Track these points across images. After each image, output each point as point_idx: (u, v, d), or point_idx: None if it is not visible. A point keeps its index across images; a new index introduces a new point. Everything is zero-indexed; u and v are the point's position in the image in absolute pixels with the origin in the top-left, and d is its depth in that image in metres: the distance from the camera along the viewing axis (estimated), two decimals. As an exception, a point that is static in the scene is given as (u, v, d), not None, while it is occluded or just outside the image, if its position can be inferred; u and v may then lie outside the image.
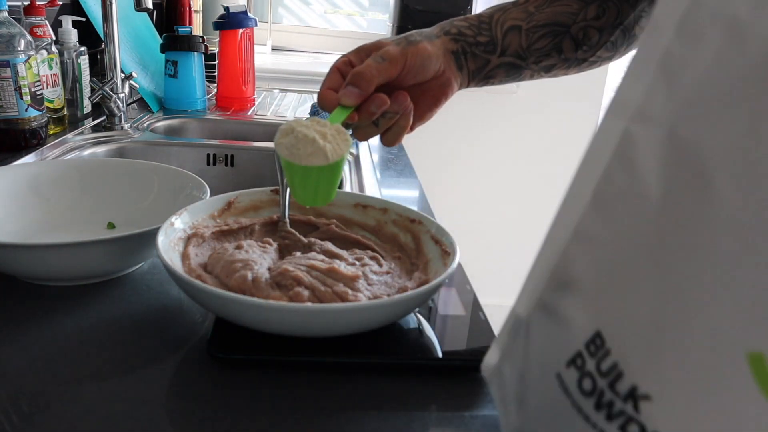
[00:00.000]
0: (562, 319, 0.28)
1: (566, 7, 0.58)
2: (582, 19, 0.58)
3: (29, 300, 0.53)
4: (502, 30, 0.57)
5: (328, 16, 2.37)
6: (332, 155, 0.48)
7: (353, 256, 0.54)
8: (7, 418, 0.38)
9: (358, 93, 0.52)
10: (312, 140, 0.47)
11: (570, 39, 0.59)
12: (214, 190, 0.65)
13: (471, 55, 0.57)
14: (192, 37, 1.27)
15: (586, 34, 0.59)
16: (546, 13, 0.58)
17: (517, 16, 0.58)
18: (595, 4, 0.58)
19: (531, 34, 0.58)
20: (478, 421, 0.42)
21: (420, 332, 0.50)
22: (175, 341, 0.48)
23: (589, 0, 0.58)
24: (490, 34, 0.57)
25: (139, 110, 1.25)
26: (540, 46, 0.58)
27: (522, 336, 0.31)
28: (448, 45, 0.56)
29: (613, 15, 0.59)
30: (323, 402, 0.42)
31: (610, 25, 0.59)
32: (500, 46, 0.58)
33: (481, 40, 0.57)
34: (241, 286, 0.47)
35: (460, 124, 2.02)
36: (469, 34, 0.57)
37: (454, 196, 2.06)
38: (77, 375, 0.44)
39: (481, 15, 0.59)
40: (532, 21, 0.58)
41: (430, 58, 0.54)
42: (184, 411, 0.41)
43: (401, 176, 0.99)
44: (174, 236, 0.53)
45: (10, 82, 0.86)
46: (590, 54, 0.60)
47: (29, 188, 0.68)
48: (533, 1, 0.59)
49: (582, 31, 0.59)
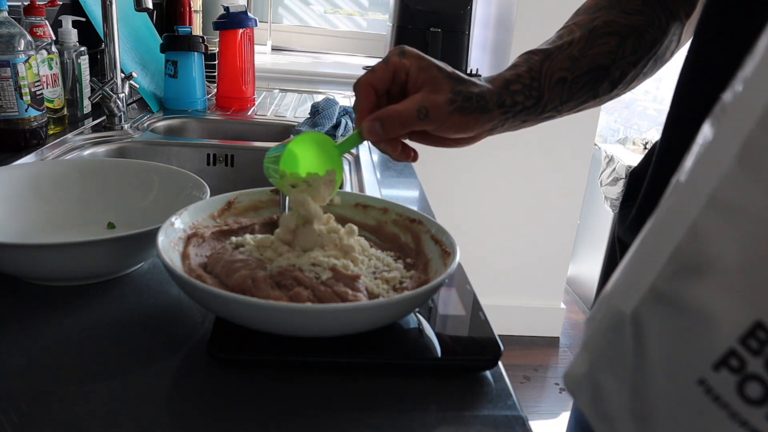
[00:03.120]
0: (696, 310, 0.23)
1: (605, 45, 0.55)
2: (621, 57, 0.55)
3: (29, 300, 0.53)
4: (550, 85, 0.54)
5: (328, 16, 2.37)
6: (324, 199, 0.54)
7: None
8: (7, 418, 0.38)
9: (381, 134, 0.50)
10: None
11: (608, 82, 0.56)
12: (214, 190, 0.65)
13: (511, 120, 0.54)
14: (192, 37, 1.27)
15: (623, 72, 0.56)
16: (588, 57, 0.55)
17: (563, 65, 0.54)
18: (632, 38, 0.55)
19: (573, 86, 0.55)
20: (478, 421, 0.42)
21: (420, 332, 0.50)
22: (175, 341, 0.48)
23: (625, 33, 0.55)
24: (539, 95, 0.54)
25: (139, 110, 1.25)
26: (579, 96, 0.56)
27: (629, 337, 0.26)
28: (496, 119, 0.53)
29: (648, 46, 0.56)
30: (323, 402, 0.42)
31: (645, 58, 0.57)
32: (543, 105, 0.55)
33: (529, 104, 0.54)
34: (241, 286, 0.47)
35: (460, 124, 2.01)
36: (520, 101, 0.53)
37: (454, 196, 2.06)
38: (77, 375, 0.44)
39: (533, 69, 0.54)
40: (576, 70, 0.54)
41: (467, 131, 0.52)
42: (184, 411, 0.41)
43: (401, 176, 0.99)
44: (174, 236, 0.53)
45: (10, 82, 0.86)
46: (623, 90, 0.58)
47: (29, 188, 0.68)
48: (576, 43, 0.55)
49: (620, 70, 0.56)
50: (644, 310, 0.25)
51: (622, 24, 0.56)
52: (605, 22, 0.56)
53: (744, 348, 0.22)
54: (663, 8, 0.57)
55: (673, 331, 0.24)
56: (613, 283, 0.27)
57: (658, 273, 0.24)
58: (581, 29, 0.56)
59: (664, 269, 0.24)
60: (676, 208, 0.24)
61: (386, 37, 2.04)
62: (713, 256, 0.23)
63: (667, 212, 0.25)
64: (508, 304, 2.18)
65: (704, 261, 0.23)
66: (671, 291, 0.24)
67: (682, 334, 0.24)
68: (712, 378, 0.23)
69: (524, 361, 2.10)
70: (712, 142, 0.23)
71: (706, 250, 0.23)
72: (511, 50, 1.90)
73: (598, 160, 2.35)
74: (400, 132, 0.50)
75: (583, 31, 0.56)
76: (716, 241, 0.23)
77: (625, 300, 0.26)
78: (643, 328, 0.25)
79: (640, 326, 0.25)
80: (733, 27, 0.47)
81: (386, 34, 2.05)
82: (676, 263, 0.24)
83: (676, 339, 0.24)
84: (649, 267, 0.25)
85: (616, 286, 0.27)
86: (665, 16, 0.57)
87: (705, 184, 0.23)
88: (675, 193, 0.25)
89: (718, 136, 0.23)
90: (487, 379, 0.46)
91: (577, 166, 2.03)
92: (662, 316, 0.24)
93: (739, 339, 0.22)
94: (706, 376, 0.23)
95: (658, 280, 0.24)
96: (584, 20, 0.57)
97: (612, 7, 0.57)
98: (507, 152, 2.01)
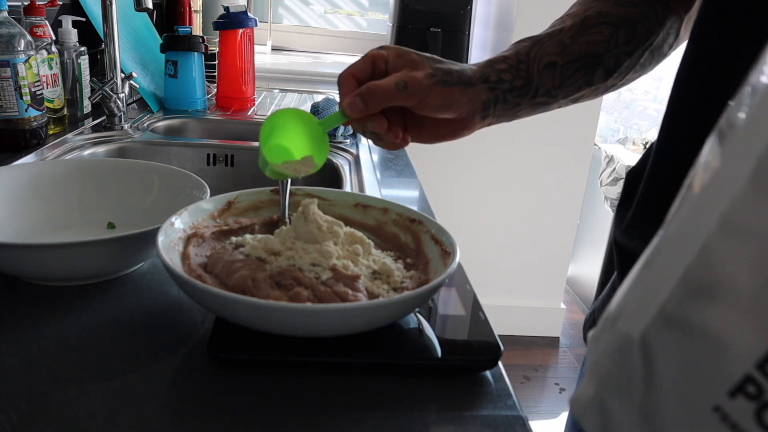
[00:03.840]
0: (709, 335, 0.22)
1: (598, 34, 0.56)
2: (614, 46, 0.56)
3: (29, 300, 0.53)
4: (538, 68, 0.55)
5: (328, 16, 2.37)
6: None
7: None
8: (7, 418, 0.38)
9: (362, 109, 0.51)
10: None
11: (602, 69, 0.57)
12: (214, 190, 0.65)
13: (502, 102, 0.55)
14: (192, 37, 1.27)
15: (617, 61, 0.57)
16: (580, 45, 0.56)
17: (553, 50, 0.55)
18: (625, 27, 0.56)
19: (565, 71, 0.55)
20: (478, 421, 0.42)
21: (420, 332, 0.50)
22: (175, 341, 0.48)
23: (618, 23, 0.56)
24: (528, 76, 0.55)
25: (139, 110, 1.25)
26: (573, 82, 0.56)
27: (638, 361, 0.25)
28: (483, 95, 0.54)
29: (643, 37, 0.57)
30: (323, 402, 0.42)
31: (640, 48, 0.57)
32: (534, 88, 0.55)
33: (517, 84, 0.55)
34: (241, 286, 0.47)
35: (460, 124, 2.01)
36: (507, 79, 0.54)
37: (454, 196, 2.06)
38: (77, 375, 0.44)
39: (520, 52, 0.55)
40: (567, 55, 0.55)
41: (452, 105, 0.52)
42: (184, 411, 0.41)
43: (401, 176, 0.99)
44: (174, 236, 0.53)
45: (10, 82, 0.86)
46: (620, 80, 0.59)
47: (29, 188, 0.68)
48: (567, 31, 0.56)
49: (614, 59, 0.57)
50: (653, 333, 0.24)
51: (615, 15, 0.56)
52: (598, 12, 0.57)
53: (761, 374, 0.21)
54: (660, 2, 0.58)
55: (684, 356, 0.23)
56: (618, 303, 0.26)
57: (668, 296, 0.23)
58: (573, 19, 0.57)
59: (674, 291, 0.23)
60: (686, 227, 0.23)
61: (386, 37, 2.04)
62: (726, 278, 0.22)
63: (677, 232, 0.24)
64: (508, 304, 2.18)
65: (716, 283, 0.22)
66: (682, 314, 0.23)
67: (695, 359, 0.23)
68: (728, 405, 0.22)
69: (524, 361, 2.10)
70: (724, 162, 0.22)
71: (718, 272, 0.22)
72: (511, 50, 1.89)
73: (598, 160, 2.35)
74: (381, 105, 0.51)
75: (575, 20, 0.56)
76: (729, 263, 0.22)
77: (632, 323, 0.25)
78: (652, 352, 0.24)
79: (649, 350, 0.24)
80: (730, 26, 0.47)
81: (386, 34, 2.05)
82: (687, 285, 0.23)
83: (688, 364, 0.23)
84: (658, 289, 0.24)
85: (622, 308, 0.26)
86: (662, 9, 0.58)
87: (716, 204, 0.22)
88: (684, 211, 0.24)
89: (729, 155, 0.22)
90: (487, 379, 0.46)
91: (577, 166, 2.03)
92: (673, 340, 0.23)
93: (756, 364, 0.21)
94: (722, 403, 0.22)
95: (668, 303, 0.23)
96: (577, 11, 0.58)
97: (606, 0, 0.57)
98: (507, 152, 2.01)
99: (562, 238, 2.12)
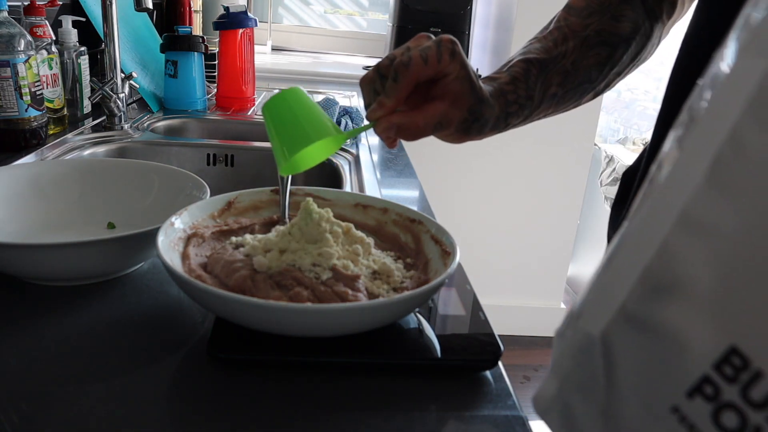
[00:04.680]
0: (668, 334, 0.22)
1: (596, 57, 0.57)
2: (609, 69, 0.58)
3: (29, 300, 0.53)
4: (541, 98, 0.56)
5: (328, 16, 2.37)
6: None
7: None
8: (7, 418, 0.38)
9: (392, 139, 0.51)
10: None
11: (593, 93, 0.59)
12: (214, 190, 0.65)
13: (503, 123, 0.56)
14: (192, 37, 1.27)
15: (608, 83, 0.59)
16: (581, 70, 0.57)
17: (557, 81, 0.56)
18: (621, 48, 0.57)
19: (561, 99, 0.57)
20: (478, 421, 0.42)
21: (420, 332, 0.50)
22: (175, 341, 0.48)
23: (615, 43, 0.57)
24: (531, 105, 0.56)
25: (139, 110, 1.25)
26: (566, 106, 0.59)
27: (599, 359, 0.24)
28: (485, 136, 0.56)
29: (635, 54, 0.59)
30: (323, 402, 0.42)
31: (630, 66, 0.59)
32: (532, 115, 0.57)
33: (517, 122, 0.57)
34: (241, 286, 0.47)
35: (460, 124, 2.01)
36: (512, 123, 0.56)
37: (454, 196, 2.06)
38: (77, 375, 0.44)
39: (530, 88, 0.55)
40: (567, 84, 0.57)
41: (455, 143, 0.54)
42: (184, 411, 0.41)
43: (401, 176, 0.99)
44: (174, 236, 0.53)
45: (10, 82, 0.86)
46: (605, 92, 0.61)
47: (29, 188, 0.68)
48: (570, 55, 0.57)
49: (605, 82, 0.59)
50: (614, 331, 0.23)
51: (613, 33, 0.57)
52: (597, 31, 0.57)
53: (718, 375, 0.21)
54: (647, 12, 0.58)
55: (644, 356, 0.23)
56: (581, 300, 0.26)
57: (627, 294, 0.23)
58: (575, 38, 0.57)
59: (634, 290, 0.23)
60: (646, 223, 0.23)
61: (386, 37, 2.04)
62: (685, 276, 0.21)
63: (637, 227, 0.23)
64: (508, 304, 2.18)
65: (675, 282, 0.22)
66: (642, 312, 0.23)
67: (654, 358, 0.22)
68: (686, 406, 0.21)
69: (524, 361, 2.10)
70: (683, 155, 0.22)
71: (677, 270, 0.21)
72: (511, 50, 1.89)
73: (598, 160, 2.35)
74: (410, 140, 0.52)
75: (576, 40, 0.57)
76: (688, 260, 0.21)
77: (593, 322, 0.24)
78: (613, 350, 0.24)
79: (610, 348, 0.24)
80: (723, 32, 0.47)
81: (386, 34, 2.05)
82: (646, 284, 0.22)
83: (647, 364, 0.23)
84: (618, 287, 0.23)
85: (584, 306, 0.25)
86: (649, 20, 0.59)
87: (675, 199, 0.22)
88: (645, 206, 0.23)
89: (688, 149, 0.22)
90: (487, 379, 0.46)
91: (577, 166, 2.03)
92: (633, 339, 0.23)
93: (713, 365, 0.21)
94: (680, 404, 0.22)
95: (628, 300, 0.23)
96: (577, 26, 0.58)
97: (603, 12, 0.58)
98: (507, 152, 2.01)
99: (562, 238, 2.12)
